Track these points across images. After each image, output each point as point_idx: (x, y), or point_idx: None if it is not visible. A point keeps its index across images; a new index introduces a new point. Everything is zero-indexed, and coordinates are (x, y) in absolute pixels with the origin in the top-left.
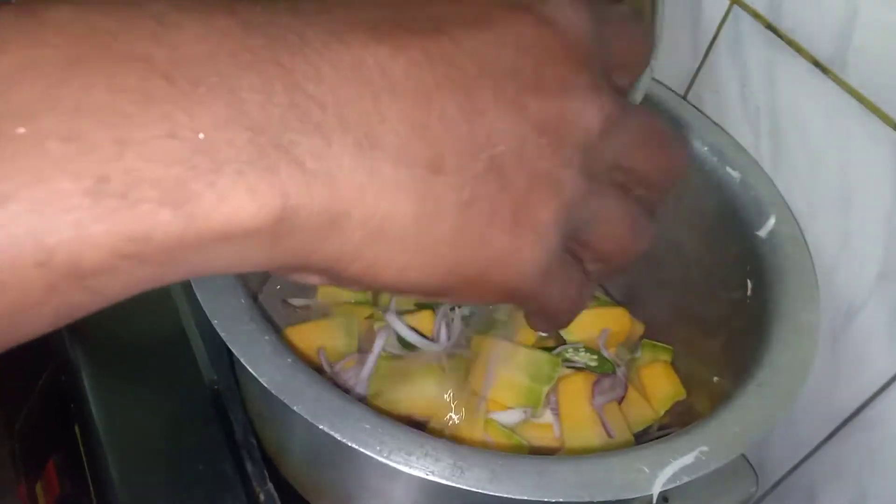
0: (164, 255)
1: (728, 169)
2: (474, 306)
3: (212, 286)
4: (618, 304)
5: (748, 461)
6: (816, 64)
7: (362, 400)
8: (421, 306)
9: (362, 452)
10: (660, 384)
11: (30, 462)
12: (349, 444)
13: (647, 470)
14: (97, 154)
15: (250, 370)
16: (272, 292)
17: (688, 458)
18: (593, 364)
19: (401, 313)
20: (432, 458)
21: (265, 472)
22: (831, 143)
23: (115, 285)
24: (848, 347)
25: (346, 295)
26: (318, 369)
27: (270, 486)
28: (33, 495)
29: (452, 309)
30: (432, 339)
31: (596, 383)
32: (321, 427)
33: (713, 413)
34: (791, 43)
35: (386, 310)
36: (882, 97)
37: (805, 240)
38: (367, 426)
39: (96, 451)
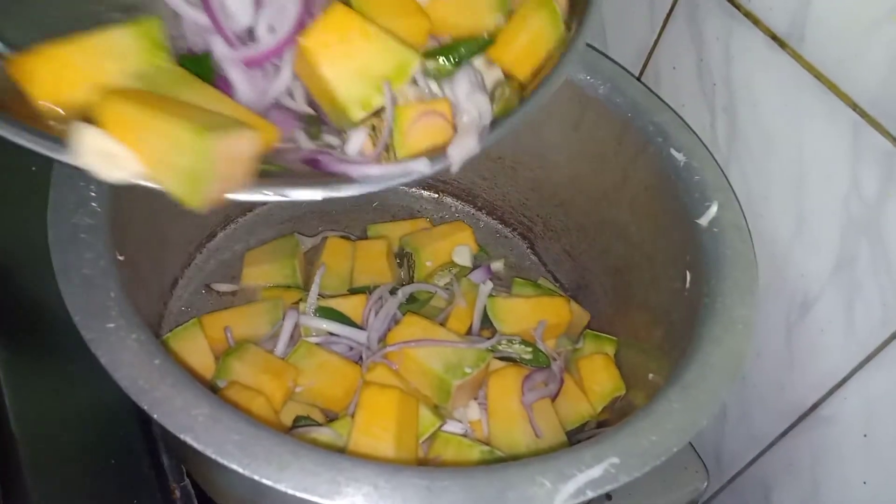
0: None
1: (672, 151)
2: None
3: (78, 277)
4: (566, 291)
5: (699, 456)
6: (773, 37)
7: None
8: (354, 291)
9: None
10: (599, 377)
11: None
12: (214, 458)
13: (548, 484)
14: None
15: (109, 372)
16: (194, 277)
17: (595, 471)
18: (527, 357)
19: (331, 297)
20: (308, 472)
21: (182, 467)
22: (787, 121)
23: None
24: (803, 340)
25: (273, 279)
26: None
27: (188, 482)
28: None
29: (391, 292)
30: (360, 326)
31: (527, 378)
32: (182, 437)
33: (628, 419)
34: (748, 14)
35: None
36: (840, 74)
37: (748, 228)
38: (237, 437)
39: (6, 442)
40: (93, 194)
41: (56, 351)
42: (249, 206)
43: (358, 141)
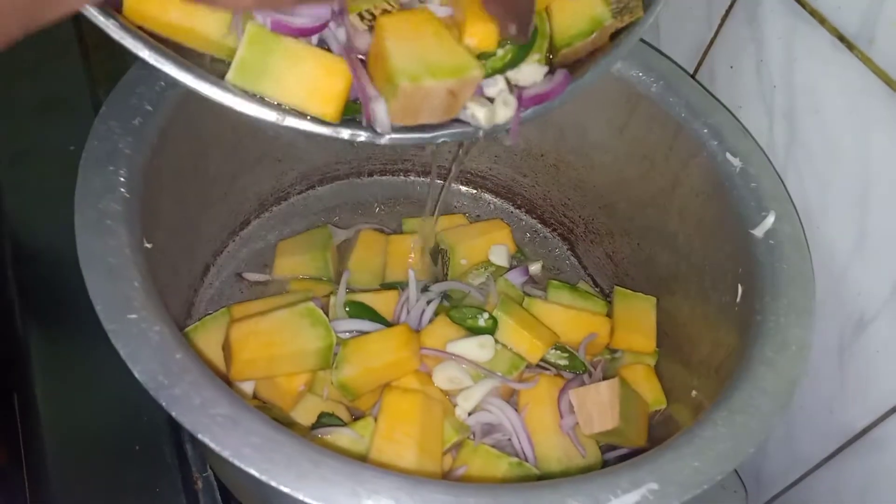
0: None
1: (728, 155)
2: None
3: (102, 266)
4: (606, 297)
5: (738, 475)
6: (841, 38)
7: None
8: (385, 286)
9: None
10: (639, 389)
11: None
12: (231, 461)
13: None
14: None
15: (128, 365)
16: (226, 265)
17: (631, 497)
18: (563, 363)
19: (361, 291)
20: (328, 481)
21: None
22: (852, 129)
23: None
24: (857, 361)
25: (304, 270)
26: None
27: (210, 472)
28: None
29: (424, 290)
30: (392, 322)
31: (562, 393)
32: (199, 437)
33: (670, 441)
34: (814, 13)
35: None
36: None
37: (807, 242)
38: (256, 440)
39: (33, 424)
40: (122, 179)
41: (85, 336)
42: (284, 195)
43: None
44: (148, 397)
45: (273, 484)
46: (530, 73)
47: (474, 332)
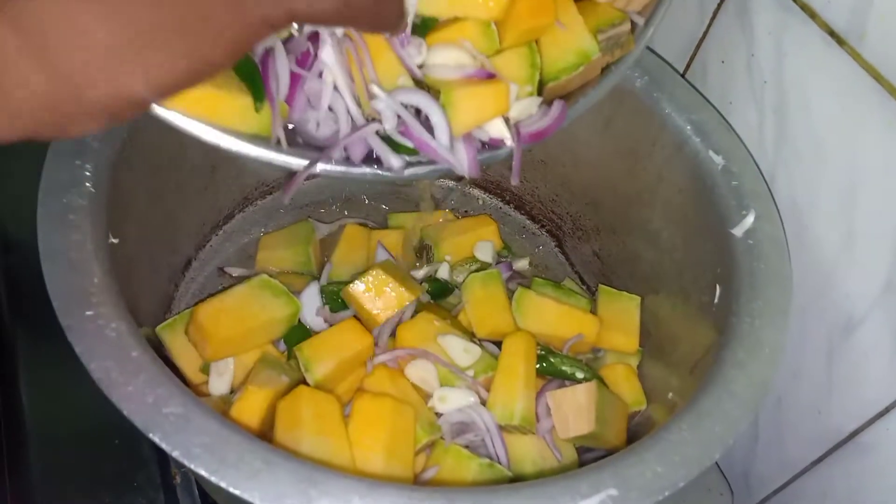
0: None
1: (710, 153)
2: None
3: (63, 260)
4: (591, 294)
5: (725, 477)
6: (831, 34)
7: None
8: None
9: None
10: (619, 389)
11: None
12: (180, 461)
13: None
14: None
15: (82, 361)
16: (209, 259)
17: (590, 502)
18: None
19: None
20: (279, 481)
21: None
22: (842, 126)
23: None
24: (845, 364)
25: (287, 264)
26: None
27: (188, 470)
28: None
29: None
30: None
31: (541, 392)
32: (150, 436)
33: (633, 446)
34: (805, 7)
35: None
36: None
37: (787, 242)
38: (206, 440)
39: (16, 417)
40: (87, 174)
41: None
42: (268, 189)
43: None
44: None
45: (223, 485)
46: (525, 106)
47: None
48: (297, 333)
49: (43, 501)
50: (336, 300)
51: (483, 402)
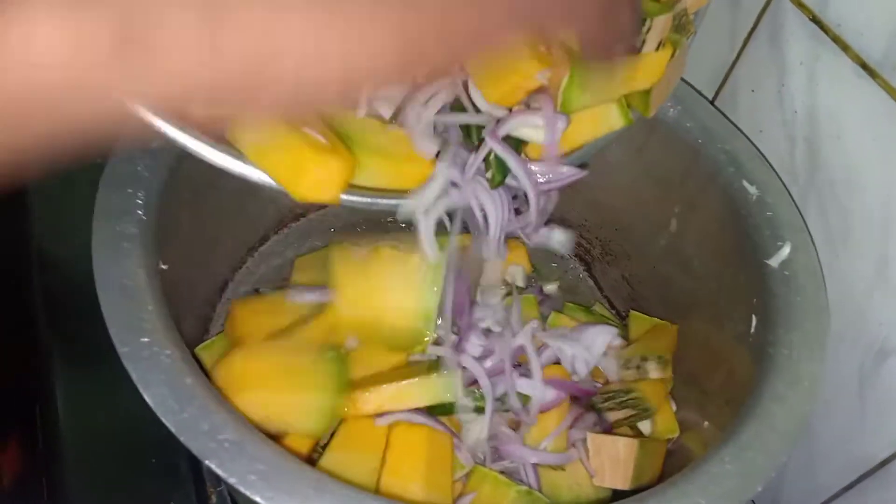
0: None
1: (745, 183)
2: None
3: (117, 288)
4: (621, 319)
5: (753, 502)
6: (864, 66)
7: None
8: None
9: None
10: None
11: None
12: (237, 487)
13: None
14: None
15: (139, 388)
16: (244, 280)
17: None
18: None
19: None
20: None
21: None
22: (875, 157)
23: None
24: (877, 392)
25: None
26: None
27: (224, 488)
28: None
29: None
30: None
31: (572, 412)
32: (206, 463)
33: (675, 478)
34: (836, 39)
35: None
36: None
37: (823, 272)
38: (261, 467)
39: (53, 434)
40: (139, 202)
41: (107, 348)
42: (303, 212)
43: None
44: None
45: None
46: (531, 134)
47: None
48: None
49: None
50: None
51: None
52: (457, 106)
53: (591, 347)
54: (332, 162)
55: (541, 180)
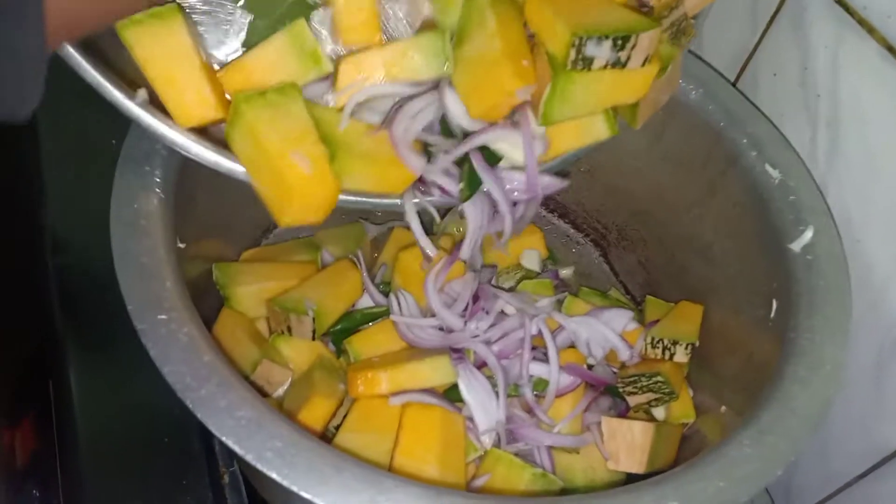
0: None
1: (767, 167)
2: None
3: (135, 265)
4: (637, 304)
5: (767, 489)
6: (890, 49)
7: None
8: None
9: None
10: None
11: (10, 416)
12: (253, 464)
13: None
14: None
15: (157, 366)
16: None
17: None
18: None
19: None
20: (348, 488)
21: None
22: None
23: None
24: (894, 378)
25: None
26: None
27: (237, 468)
28: (12, 447)
29: None
30: None
31: (594, 400)
32: (223, 439)
33: (695, 460)
34: (862, 22)
35: None
36: None
37: (845, 256)
38: (279, 444)
39: (67, 413)
40: (157, 180)
41: (120, 328)
42: None
43: None
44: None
45: (294, 489)
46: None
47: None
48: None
49: (93, 500)
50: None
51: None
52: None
53: (607, 330)
54: (318, 189)
55: (518, 194)
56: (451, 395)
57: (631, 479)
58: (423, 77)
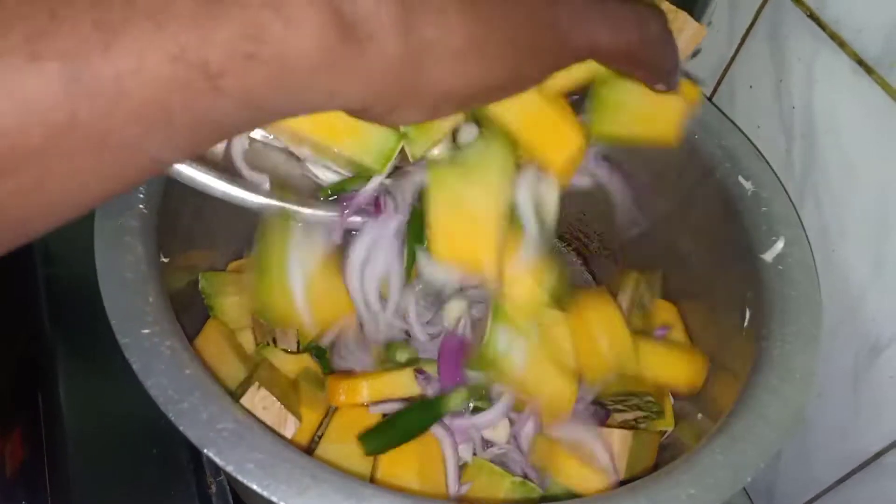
0: (275, 59)
1: (740, 178)
2: None
3: (118, 280)
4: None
5: (748, 494)
6: (861, 63)
7: None
8: None
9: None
10: None
11: (1, 424)
12: (234, 476)
13: None
14: None
15: (140, 378)
16: None
17: None
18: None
19: None
20: (327, 499)
21: None
22: (871, 153)
23: (232, 95)
24: (871, 386)
25: None
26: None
27: (224, 478)
28: (2, 456)
29: None
30: None
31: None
32: (205, 451)
33: (666, 468)
34: (834, 36)
35: None
36: None
37: (816, 267)
38: (259, 456)
39: (55, 423)
40: (140, 195)
41: (110, 339)
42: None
43: None
44: None
45: (274, 499)
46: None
47: None
48: None
49: None
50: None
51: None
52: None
53: None
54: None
55: None
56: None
57: None
58: None
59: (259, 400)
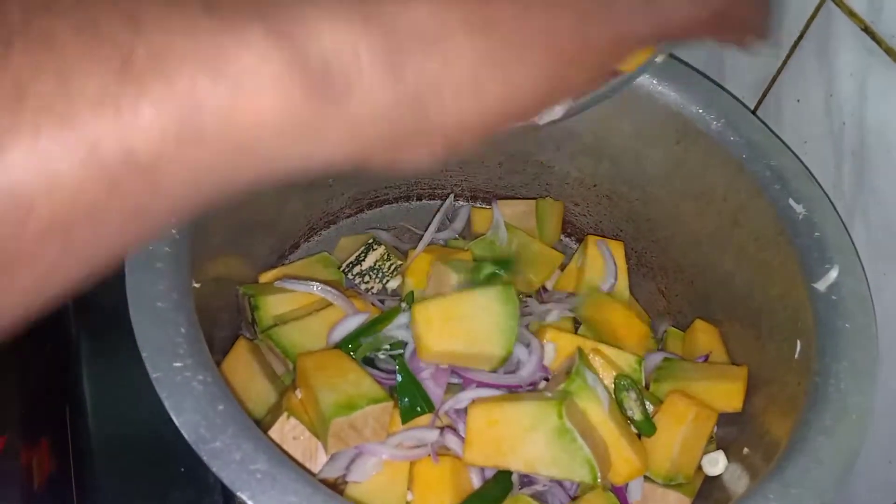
0: (223, 133)
1: (791, 201)
2: None
3: (150, 310)
4: (655, 333)
5: None
6: None
7: None
8: None
9: None
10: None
11: (28, 436)
12: None
13: None
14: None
15: (171, 415)
16: None
17: None
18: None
19: None
20: None
21: None
22: None
23: (175, 179)
24: None
25: None
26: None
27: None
28: (30, 469)
29: None
30: None
31: None
32: (238, 494)
33: None
34: (889, 51)
35: None
36: None
37: (872, 299)
38: (293, 499)
39: (83, 438)
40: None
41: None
42: (333, 219)
43: None
44: None
45: None
46: None
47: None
48: None
49: None
50: None
51: None
52: None
53: None
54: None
55: None
56: None
57: None
58: None
59: (289, 430)
